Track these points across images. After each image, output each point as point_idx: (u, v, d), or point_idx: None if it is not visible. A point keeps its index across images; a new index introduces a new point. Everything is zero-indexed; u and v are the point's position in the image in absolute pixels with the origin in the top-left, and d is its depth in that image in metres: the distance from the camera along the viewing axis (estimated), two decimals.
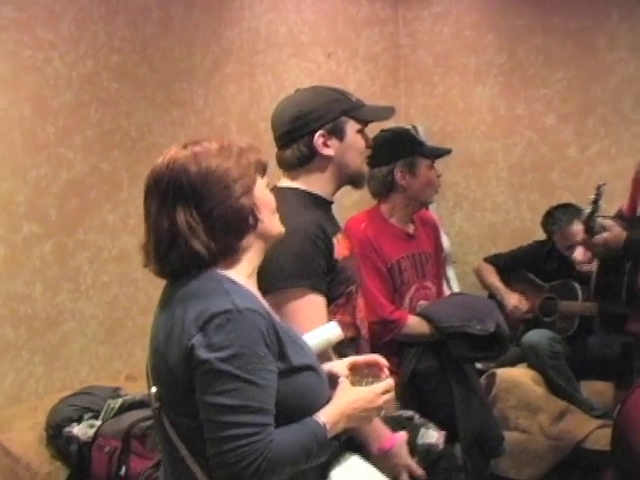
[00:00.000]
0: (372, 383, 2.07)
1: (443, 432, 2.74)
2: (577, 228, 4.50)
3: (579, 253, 3.51)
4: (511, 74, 5.36)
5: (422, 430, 2.69)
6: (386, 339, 3.22)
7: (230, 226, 1.90)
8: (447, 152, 3.60)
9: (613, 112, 5.00)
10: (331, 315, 2.49)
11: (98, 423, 3.50)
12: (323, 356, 2.24)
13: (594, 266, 3.56)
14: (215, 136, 2.01)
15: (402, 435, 2.52)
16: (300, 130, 2.52)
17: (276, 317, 1.97)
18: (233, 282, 1.90)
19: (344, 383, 2.05)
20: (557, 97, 5.21)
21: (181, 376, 1.82)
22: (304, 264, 2.40)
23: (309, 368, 1.95)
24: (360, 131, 2.62)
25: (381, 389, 2.05)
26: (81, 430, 3.50)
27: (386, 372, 2.15)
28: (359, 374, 2.12)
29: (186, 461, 1.89)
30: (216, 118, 4.57)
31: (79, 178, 4.01)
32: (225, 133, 4.48)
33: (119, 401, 3.56)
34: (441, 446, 2.71)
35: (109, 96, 4.10)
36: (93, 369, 4.13)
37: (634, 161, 4.89)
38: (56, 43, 3.89)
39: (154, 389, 1.94)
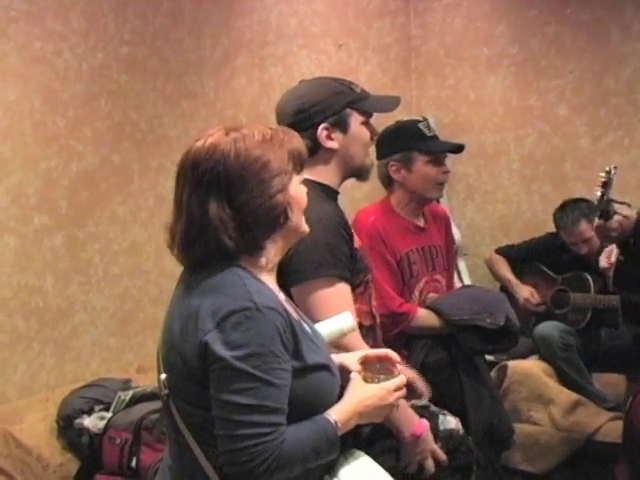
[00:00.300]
0: (384, 380, 2.05)
1: (458, 418, 2.77)
2: (583, 227, 4.50)
3: (603, 260, 3.47)
4: (523, 65, 5.34)
5: (441, 417, 2.72)
6: (395, 332, 3.22)
7: (260, 223, 1.88)
8: (450, 150, 3.54)
9: (626, 103, 4.98)
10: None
11: (109, 415, 3.51)
12: (340, 346, 2.25)
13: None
14: (259, 124, 1.98)
15: (426, 422, 2.56)
16: (303, 123, 2.51)
17: (294, 313, 1.96)
18: (254, 278, 1.88)
19: (356, 379, 2.04)
20: (569, 88, 5.20)
21: (195, 369, 1.81)
22: (332, 254, 2.41)
23: (323, 367, 1.94)
24: (365, 122, 2.61)
25: (393, 386, 2.04)
26: (92, 422, 3.51)
27: (398, 368, 2.13)
28: (371, 370, 2.10)
29: (192, 448, 1.88)
30: (226, 110, 4.57)
31: (89, 170, 4.01)
32: (233, 124, 4.47)
33: (130, 393, 3.57)
34: (461, 431, 2.75)
35: (119, 88, 4.09)
36: (104, 361, 4.13)
37: None
38: (66, 35, 3.88)
39: (164, 376, 1.93)
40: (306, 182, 2.50)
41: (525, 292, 4.73)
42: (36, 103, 3.81)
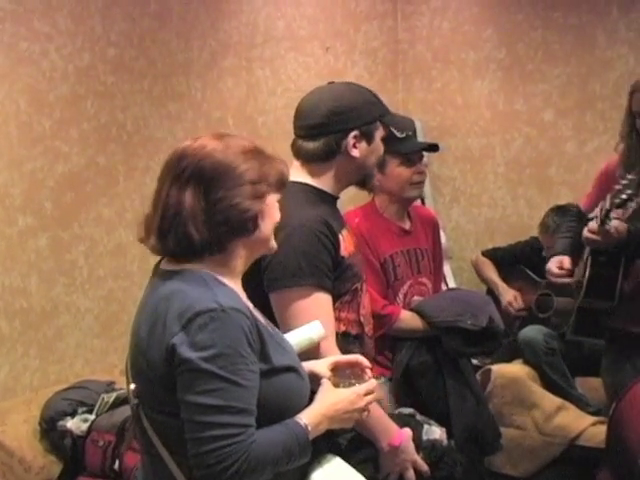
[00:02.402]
0: (354, 384, 2.07)
1: (444, 429, 2.77)
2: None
3: (553, 265, 3.49)
4: (510, 69, 5.35)
5: (425, 426, 2.72)
6: (378, 334, 3.20)
7: (229, 222, 1.89)
8: (420, 149, 3.53)
9: (612, 108, 4.98)
10: (335, 312, 2.49)
11: (92, 417, 3.53)
12: (311, 354, 2.25)
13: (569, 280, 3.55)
14: (251, 137, 2.04)
15: (408, 431, 2.54)
16: (336, 125, 2.49)
17: (260, 317, 1.97)
18: (218, 281, 1.89)
19: (326, 384, 2.05)
20: (556, 92, 5.20)
21: (162, 374, 1.81)
22: (309, 262, 2.38)
23: (290, 369, 1.95)
24: (383, 138, 2.61)
25: (363, 390, 2.05)
26: (75, 424, 3.51)
27: (369, 373, 2.15)
28: (342, 375, 2.12)
29: (163, 458, 1.89)
30: (213, 112, 4.56)
31: (75, 171, 4.00)
32: (222, 127, 4.47)
33: (113, 395, 3.58)
34: (445, 442, 2.74)
35: (105, 89, 4.09)
36: (88, 363, 4.13)
37: None
38: (53, 36, 3.88)
39: (133, 386, 1.95)
40: (301, 186, 2.50)
41: (509, 296, 4.75)
42: (22, 104, 3.81)
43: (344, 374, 2.12)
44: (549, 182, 5.30)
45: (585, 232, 3.23)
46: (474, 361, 4.10)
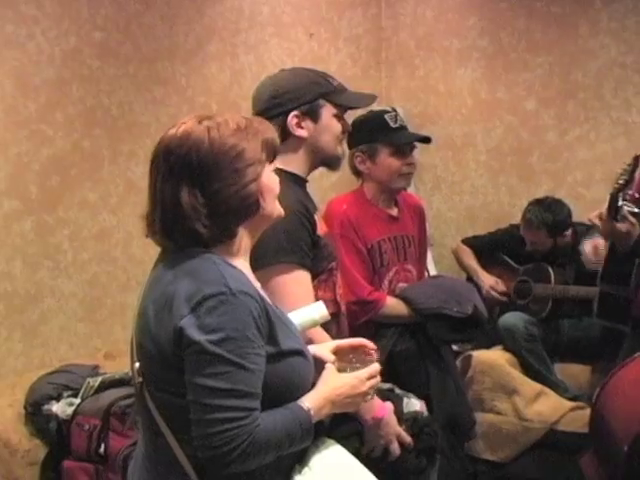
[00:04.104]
0: (358, 368, 2.08)
1: (422, 401, 2.84)
2: (540, 235, 4.61)
3: (589, 251, 3.48)
4: (493, 58, 5.36)
5: (405, 399, 2.78)
6: (364, 319, 3.25)
7: (233, 211, 1.89)
8: (413, 141, 3.56)
9: (593, 97, 5.03)
10: (313, 291, 2.52)
11: (77, 401, 3.51)
12: (305, 335, 2.27)
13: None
14: (233, 113, 1.99)
15: (390, 405, 2.59)
16: (275, 109, 2.54)
17: (268, 299, 1.97)
18: (228, 264, 1.89)
19: (330, 369, 2.06)
20: (538, 81, 5.23)
21: (169, 354, 1.82)
22: (291, 240, 2.43)
23: (298, 353, 1.96)
24: (337, 116, 2.63)
25: (366, 375, 2.06)
26: (60, 408, 3.50)
27: (374, 355, 2.16)
28: (345, 360, 2.13)
29: (165, 437, 1.89)
30: (197, 97, 4.55)
31: (60, 155, 3.99)
32: (206, 112, 4.45)
33: (99, 379, 3.56)
34: (425, 413, 2.78)
35: (91, 73, 4.07)
36: (72, 347, 4.12)
37: (613, 147, 4.96)
38: (39, 19, 3.85)
39: (137, 364, 1.95)
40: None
41: (490, 280, 4.79)
42: (7, 87, 3.79)
43: (347, 358, 2.13)
44: (530, 170, 5.33)
45: (592, 215, 3.23)
46: (454, 347, 4.14)
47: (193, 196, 1.86)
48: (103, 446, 3.36)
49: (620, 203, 3.06)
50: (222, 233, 1.90)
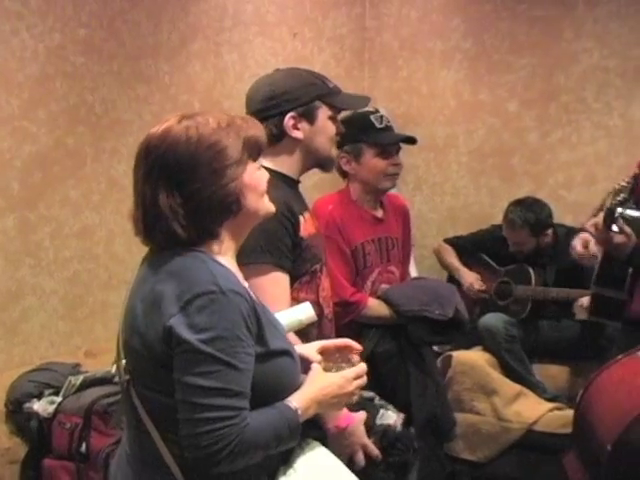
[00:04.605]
0: (344, 368, 2.08)
1: (402, 415, 2.78)
2: (522, 235, 4.65)
3: (579, 245, 3.47)
4: (476, 59, 5.38)
5: (381, 411, 2.73)
6: (346, 320, 3.25)
7: (211, 211, 1.88)
8: (398, 142, 3.57)
9: (575, 100, 5.06)
10: (294, 293, 2.52)
11: (59, 399, 3.49)
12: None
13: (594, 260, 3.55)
14: (217, 111, 1.97)
15: (360, 415, 2.53)
16: (272, 110, 2.53)
17: (255, 298, 1.96)
18: (217, 263, 1.89)
19: (316, 369, 2.06)
20: (520, 83, 5.25)
21: (158, 353, 1.82)
22: (269, 241, 2.42)
23: (285, 353, 1.96)
24: (332, 117, 2.64)
25: (352, 375, 2.06)
26: (41, 406, 3.48)
27: (359, 353, 2.17)
28: (331, 360, 2.13)
29: (151, 435, 1.89)
30: (180, 95, 4.54)
31: (43, 152, 3.96)
32: (189, 110, 4.43)
33: (80, 377, 3.55)
34: (399, 428, 2.75)
35: (75, 70, 4.04)
36: (53, 345, 4.10)
37: (594, 149, 5.00)
38: (23, 15, 3.82)
39: (124, 362, 1.94)
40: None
41: (470, 278, 4.82)
42: None
43: (333, 358, 2.14)
44: (511, 172, 5.36)
45: (589, 224, 3.25)
46: (434, 347, 4.16)
47: (171, 196, 1.85)
48: (84, 445, 3.35)
49: (617, 214, 3.08)
50: (201, 234, 1.89)
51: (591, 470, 2.67)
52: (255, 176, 1.97)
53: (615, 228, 3.07)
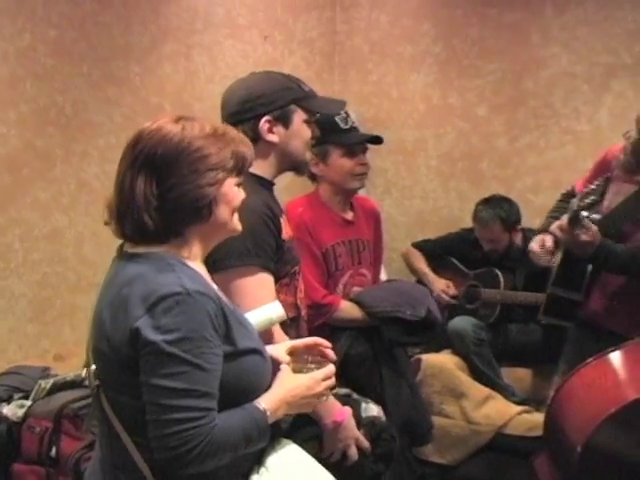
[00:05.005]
0: (313, 369, 2.10)
1: (380, 406, 2.84)
2: (495, 228, 4.68)
3: (536, 245, 3.50)
4: (446, 64, 5.40)
5: (363, 404, 2.78)
6: (318, 323, 3.25)
7: (182, 210, 1.90)
8: (363, 141, 3.58)
9: (543, 105, 5.09)
10: (276, 294, 2.53)
11: (28, 403, 3.46)
12: (265, 335, 2.28)
13: (552, 260, 3.59)
14: (213, 120, 2.01)
15: (349, 409, 2.60)
16: (247, 113, 2.54)
17: (225, 299, 1.98)
18: (183, 264, 1.90)
19: (285, 370, 2.08)
20: (489, 88, 5.28)
21: (124, 356, 1.82)
22: (255, 243, 2.42)
23: (254, 351, 1.98)
24: (307, 121, 2.65)
25: (321, 376, 2.09)
26: (11, 410, 3.45)
27: (330, 353, 2.21)
28: (301, 361, 2.15)
29: (122, 440, 1.90)
30: (151, 97, 4.52)
31: (12, 154, 3.93)
32: (159, 113, 4.44)
33: (50, 381, 3.52)
34: (383, 418, 2.80)
35: (45, 71, 4.02)
36: (21, 348, 4.07)
37: (562, 154, 5.04)
38: None
39: (93, 367, 1.95)
40: None
41: (441, 284, 4.83)
42: None
43: (303, 359, 2.16)
44: (480, 176, 5.38)
45: (553, 228, 3.28)
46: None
47: (148, 186, 1.88)
48: (54, 449, 3.32)
49: (581, 216, 3.11)
50: (167, 230, 1.91)
51: (562, 472, 2.70)
52: (233, 190, 1.99)
53: (580, 228, 3.10)
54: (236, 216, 2.03)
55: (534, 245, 3.51)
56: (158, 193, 1.87)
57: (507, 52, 5.19)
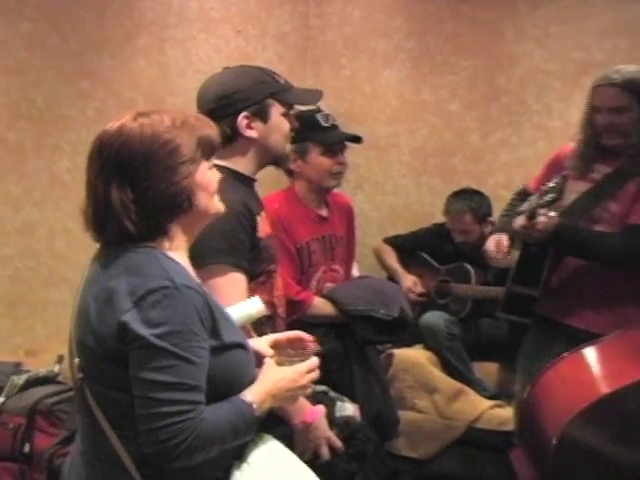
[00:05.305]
0: (297, 362, 2.11)
1: (357, 405, 2.84)
2: (467, 219, 4.71)
3: (492, 246, 3.56)
4: (419, 59, 5.40)
5: (339, 403, 2.78)
6: (291, 319, 3.25)
7: (163, 208, 1.90)
8: (343, 140, 3.59)
9: (516, 102, 5.11)
10: (251, 293, 2.51)
11: (1, 400, 3.45)
12: (244, 330, 2.28)
13: (509, 260, 3.64)
14: (171, 109, 2.00)
15: (321, 408, 2.60)
16: (224, 110, 2.53)
17: (209, 293, 1.98)
18: (169, 258, 1.90)
19: (269, 363, 2.10)
20: (463, 84, 5.29)
21: (111, 350, 1.82)
22: (228, 241, 2.43)
23: (239, 346, 1.99)
24: (285, 114, 2.64)
25: (305, 368, 2.10)
26: None
27: (311, 347, 2.22)
28: (284, 354, 2.17)
29: (106, 433, 1.89)
30: (125, 91, 4.49)
31: None
32: (133, 107, 4.37)
33: (23, 377, 3.51)
34: (358, 418, 2.80)
35: (17, 65, 3.99)
36: None
37: (534, 151, 5.05)
38: None
39: (77, 360, 1.94)
40: (218, 169, 2.53)
41: (408, 281, 4.84)
42: None
43: (286, 352, 2.17)
44: (452, 171, 5.39)
45: (515, 225, 3.31)
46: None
47: (123, 192, 1.86)
48: (28, 445, 3.31)
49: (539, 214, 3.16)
50: (152, 230, 1.91)
51: (538, 465, 2.73)
52: (207, 175, 1.99)
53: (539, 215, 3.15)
54: (216, 197, 2.03)
55: (490, 245, 3.57)
56: (134, 197, 1.87)
57: (480, 48, 5.20)
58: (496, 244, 3.54)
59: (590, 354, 2.84)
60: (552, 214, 3.17)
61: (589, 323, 3.34)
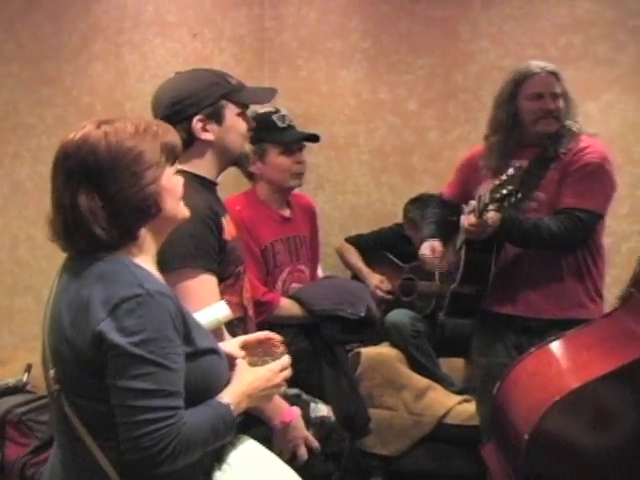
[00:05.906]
0: (268, 362, 2.15)
1: (329, 406, 2.86)
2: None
3: (427, 252, 3.65)
4: (375, 59, 5.43)
5: (312, 405, 2.82)
6: (258, 320, 3.26)
7: (131, 213, 1.90)
8: (300, 140, 3.61)
9: (473, 99, 5.15)
10: (220, 296, 2.52)
11: None
12: (216, 334, 2.29)
13: (443, 264, 3.72)
14: (132, 117, 2.01)
15: (297, 409, 2.62)
16: (178, 115, 2.52)
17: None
18: (138, 266, 1.91)
19: (242, 364, 2.12)
20: (420, 83, 5.33)
21: (87, 360, 1.82)
22: (197, 245, 2.43)
23: (212, 351, 2.00)
24: (240, 114, 2.64)
25: (278, 367, 2.14)
26: None
27: (281, 347, 2.24)
28: (255, 354, 2.19)
29: (86, 443, 1.89)
30: (83, 97, 4.44)
31: None
32: (91, 113, 4.38)
33: None
34: (332, 418, 2.82)
35: None
36: None
37: None
38: None
39: (52, 371, 1.94)
40: (182, 173, 2.53)
41: (375, 280, 4.87)
42: None
43: (257, 352, 2.20)
44: (412, 170, 5.42)
45: (465, 225, 3.34)
46: None
47: (91, 200, 1.86)
48: None
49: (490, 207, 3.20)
50: (122, 236, 1.91)
51: (510, 460, 2.75)
52: (173, 180, 2.01)
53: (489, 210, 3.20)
54: (182, 202, 2.05)
55: (425, 251, 3.63)
56: (102, 204, 1.87)
57: (436, 47, 5.24)
58: (431, 249, 3.61)
59: (557, 348, 2.88)
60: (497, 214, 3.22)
61: (535, 309, 3.44)
